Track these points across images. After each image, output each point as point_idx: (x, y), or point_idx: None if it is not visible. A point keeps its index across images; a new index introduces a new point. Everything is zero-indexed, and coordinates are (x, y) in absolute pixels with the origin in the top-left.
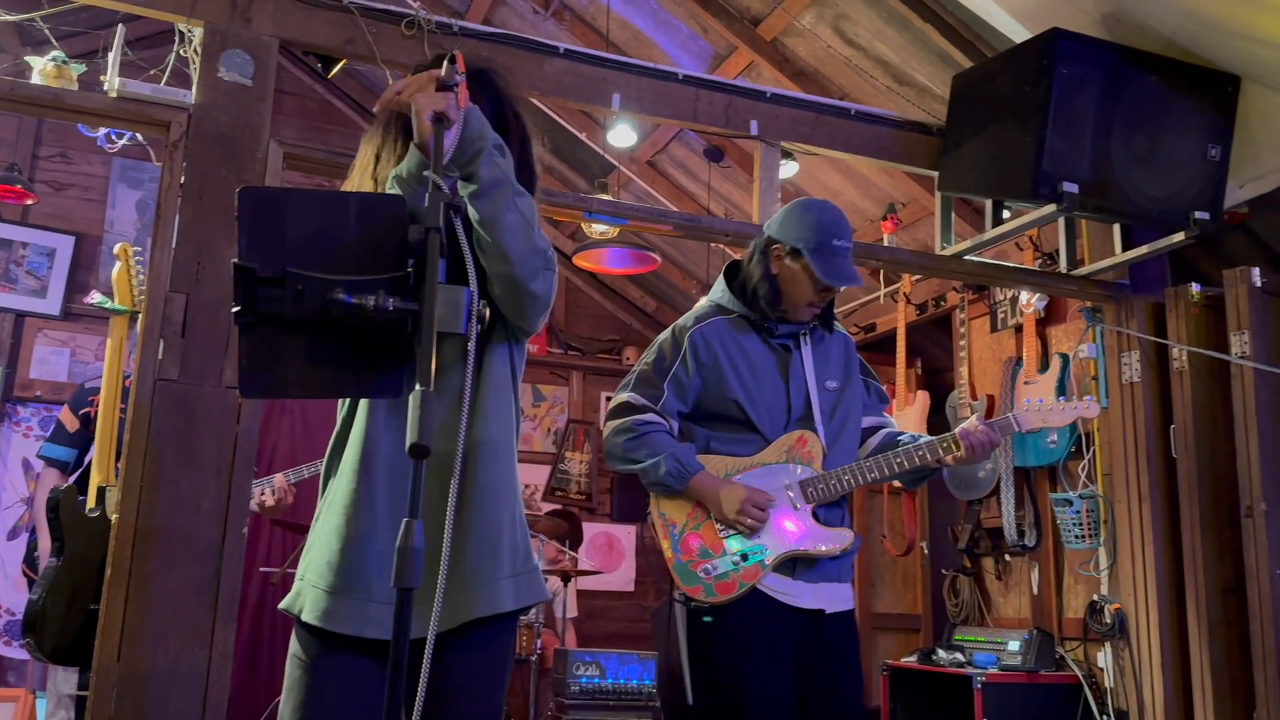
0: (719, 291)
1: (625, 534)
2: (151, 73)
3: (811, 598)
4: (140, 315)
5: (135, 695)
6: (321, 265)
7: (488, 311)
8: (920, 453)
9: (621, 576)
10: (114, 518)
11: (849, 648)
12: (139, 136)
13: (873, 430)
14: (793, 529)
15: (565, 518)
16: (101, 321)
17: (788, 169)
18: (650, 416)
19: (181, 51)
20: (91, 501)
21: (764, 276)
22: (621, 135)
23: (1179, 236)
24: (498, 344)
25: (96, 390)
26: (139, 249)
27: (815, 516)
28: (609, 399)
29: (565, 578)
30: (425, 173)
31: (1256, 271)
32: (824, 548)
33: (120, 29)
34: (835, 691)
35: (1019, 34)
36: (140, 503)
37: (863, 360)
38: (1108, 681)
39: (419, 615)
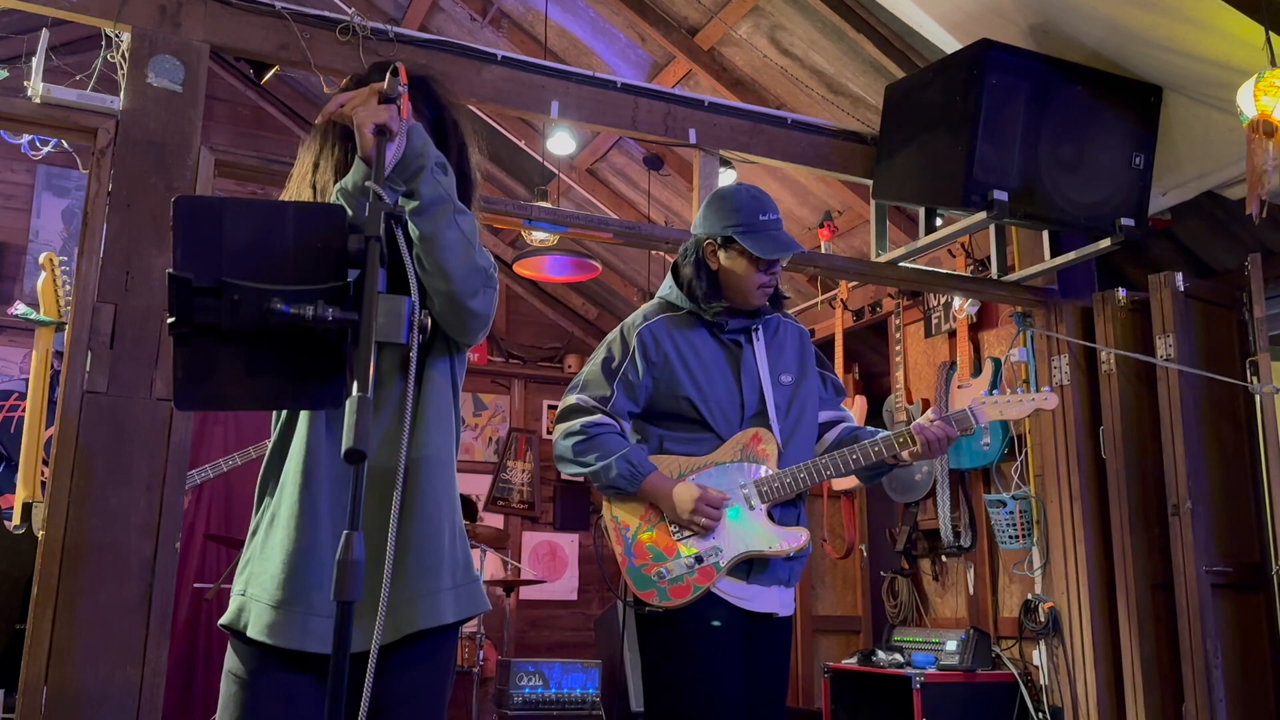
0: (667, 288)
1: (568, 542)
2: (78, 78)
3: (764, 601)
4: (67, 326)
5: (64, 717)
6: (259, 275)
7: (429, 321)
8: (876, 449)
9: (565, 585)
10: (41, 534)
11: (784, 654)
12: (64, 144)
13: (830, 425)
14: (748, 530)
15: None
16: (26, 333)
17: (726, 177)
18: (599, 418)
19: (109, 57)
20: (17, 518)
21: (699, 275)
22: (561, 143)
23: (1105, 242)
24: (439, 356)
25: (5, 395)
26: (65, 259)
27: (770, 516)
28: (551, 407)
29: (508, 588)
30: (367, 183)
31: (1180, 276)
32: (779, 547)
33: (45, 33)
34: (767, 695)
35: (950, 45)
36: (68, 518)
37: (819, 352)
38: (1042, 679)
39: (360, 628)
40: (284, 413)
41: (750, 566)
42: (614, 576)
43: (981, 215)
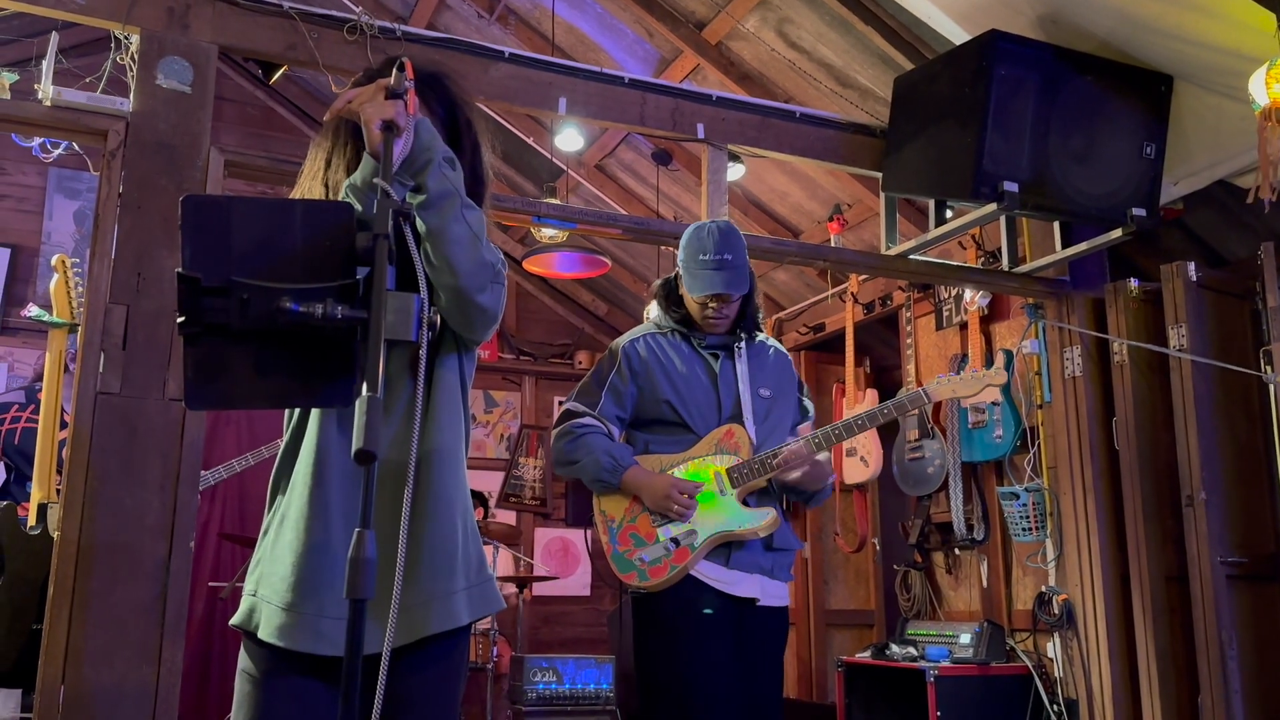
0: (654, 311)
1: (580, 538)
2: (87, 80)
3: (745, 586)
4: (79, 328)
5: (81, 717)
6: (267, 274)
7: (439, 319)
8: (837, 431)
9: (578, 581)
10: (56, 535)
11: (774, 644)
12: (75, 146)
13: None
14: (720, 513)
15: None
16: (40, 335)
17: (735, 171)
18: (587, 420)
19: (118, 59)
20: (32, 519)
21: (666, 293)
22: (569, 139)
23: (1117, 233)
24: (448, 353)
25: (6, 407)
26: (77, 260)
27: (745, 504)
28: (562, 403)
29: (521, 584)
30: (375, 179)
31: (1192, 266)
32: (749, 526)
33: (54, 36)
34: (753, 683)
35: (958, 36)
36: (83, 519)
37: (800, 379)
38: (1057, 671)
39: (373, 629)
40: (296, 411)
41: (729, 551)
42: (607, 568)
43: (992, 207)
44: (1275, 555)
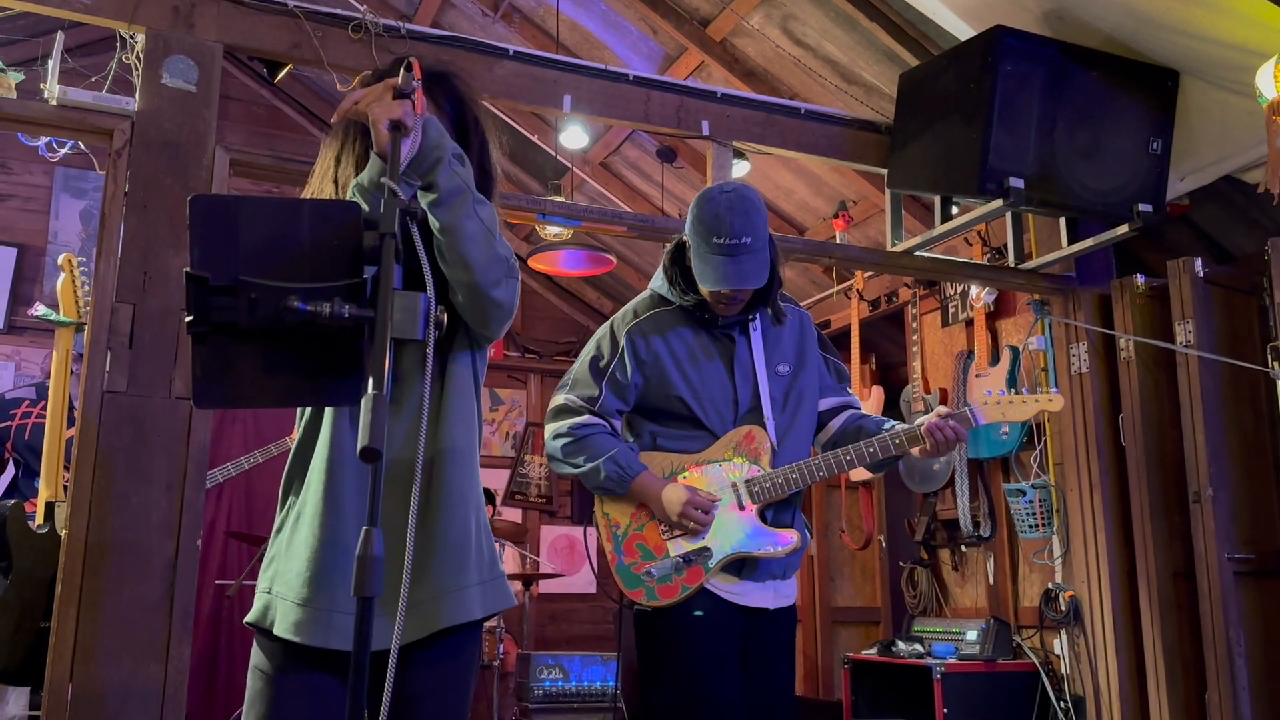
0: (659, 280)
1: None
2: (93, 80)
3: (758, 597)
4: (86, 326)
5: (89, 714)
6: (275, 273)
7: (445, 317)
8: (871, 449)
9: (583, 578)
10: (63, 533)
11: (784, 645)
12: (81, 145)
13: (835, 411)
14: (738, 530)
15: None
16: (47, 334)
17: (740, 168)
18: (587, 419)
19: (124, 58)
20: (40, 518)
21: (679, 267)
22: (574, 137)
23: (1123, 229)
24: (460, 350)
25: (16, 403)
26: (83, 260)
27: (763, 517)
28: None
29: (527, 582)
30: (382, 179)
31: (1199, 262)
32: (769, 549)
33: (59, 35)
34: (768, 683)
35: (964, 32)
36: (90, 517)
37: (823, 336)
38: (1064, 668)
39: (386, 624)
40: (308, 410)
41: (742, 565)
42: (605, 573)
43: (997, 203)
44: None
